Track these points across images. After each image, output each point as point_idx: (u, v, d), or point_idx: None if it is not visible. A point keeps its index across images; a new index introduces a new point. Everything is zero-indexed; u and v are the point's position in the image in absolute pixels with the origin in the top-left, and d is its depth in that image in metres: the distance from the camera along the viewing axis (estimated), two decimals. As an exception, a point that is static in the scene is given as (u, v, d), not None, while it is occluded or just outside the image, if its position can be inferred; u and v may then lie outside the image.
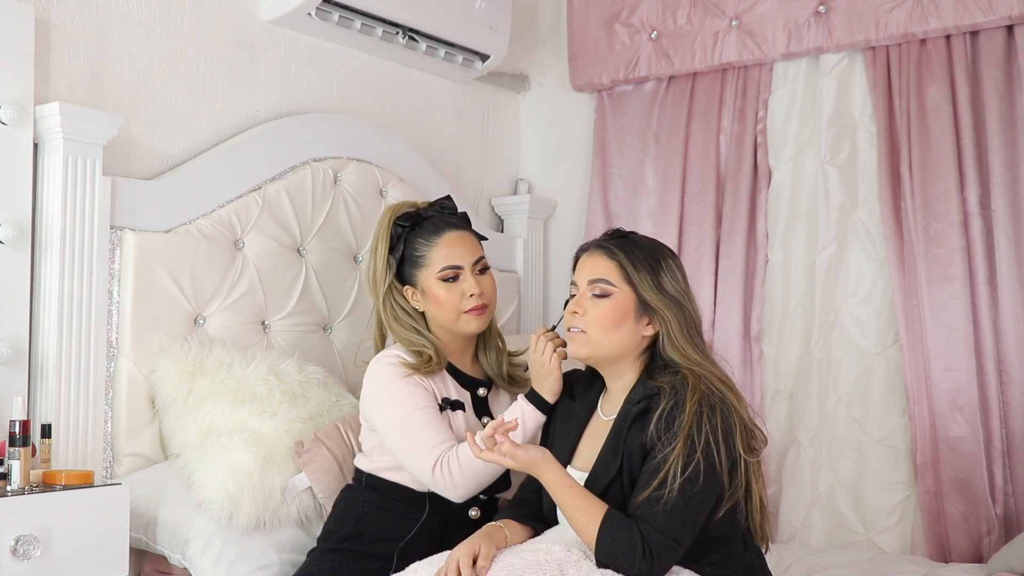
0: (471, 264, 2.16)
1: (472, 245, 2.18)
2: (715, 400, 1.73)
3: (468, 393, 2.19)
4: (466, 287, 2.14)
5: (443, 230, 2.17)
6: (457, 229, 2.18)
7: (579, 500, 1.73)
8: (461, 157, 3.42)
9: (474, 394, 2.19)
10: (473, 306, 2.15)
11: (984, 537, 2.65)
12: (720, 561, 1.78)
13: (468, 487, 2.01)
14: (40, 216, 2.21)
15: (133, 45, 2.46)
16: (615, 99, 3.41)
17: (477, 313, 2.15)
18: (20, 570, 1.75)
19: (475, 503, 2.12)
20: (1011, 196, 2.69)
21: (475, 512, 2.12)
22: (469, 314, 2.15)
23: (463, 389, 2.19)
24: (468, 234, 2.20)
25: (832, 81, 2.98)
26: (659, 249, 1.87)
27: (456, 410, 2.13)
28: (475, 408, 2.18)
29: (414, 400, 2.06)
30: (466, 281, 2.14)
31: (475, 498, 2.09)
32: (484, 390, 2.21)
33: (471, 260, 2.17)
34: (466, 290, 2.14)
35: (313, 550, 2.13)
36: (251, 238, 2.56)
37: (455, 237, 2.17)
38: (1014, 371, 2.67)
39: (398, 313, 2.18)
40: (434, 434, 2.03)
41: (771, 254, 3.06)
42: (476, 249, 2.19)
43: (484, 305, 2.16)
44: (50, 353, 2.19)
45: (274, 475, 2.16)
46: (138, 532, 2.16)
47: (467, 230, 2.21)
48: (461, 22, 3.08)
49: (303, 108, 2.86)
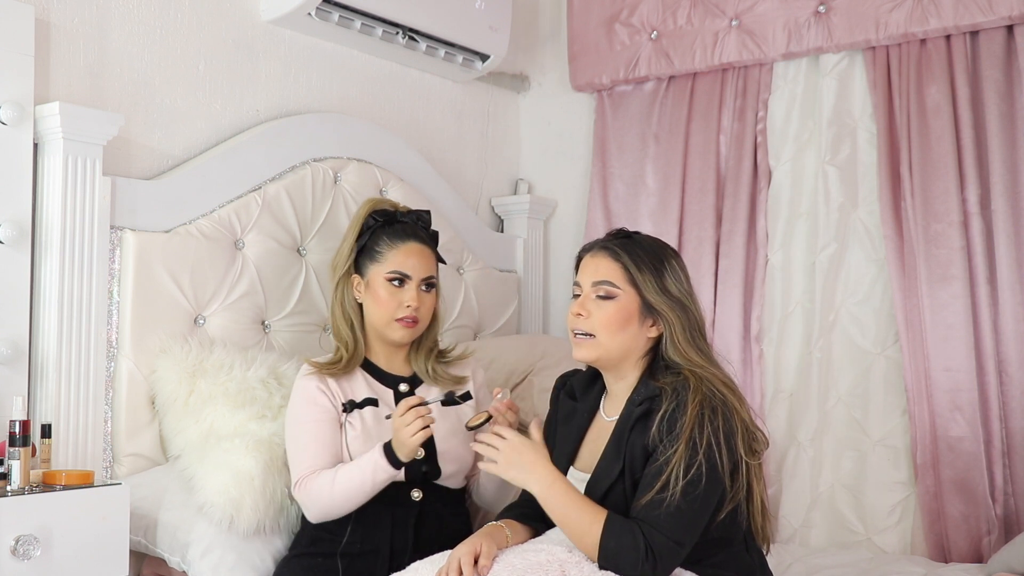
0: (420, 278, 2.22)
1: (428, 262, 2.25)
2: (717, 402, 1.73)
3: (390, 391, 2.23)
4: (406, 297, 2.20)
5: (408, 238, 2.24)
6: (421, 243, 2.25)
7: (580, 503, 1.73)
8: (461, 157, 3.42)
9: (396, 391, 2.24)
10: (404, 316, 2.20)
11: (984, 537, 2.65)
12: (722, 563, 1.78)
13: (319, 513, 2.08)
14: (40, 216, 2.21)
15: (133, 45, 2.46)
16: (615, 99, 3.41)
17: (405, 324, 2.21)
18: (20, 570, 1.75)
19: (415, 484, 2.14)
20: (1011, 196, 2.69)
21: (417, 494, 2.14)
22: (399, 323, 2.20)
23: (384, 387, 2.23)
24: (429, 251, 2.26)
25: (832, 81, 2.98)
26: (663, 250, 1.87)
27: (365, 407, 2.17)
28: (396, 402, 2.20)
29: (306, 416, 2.14)
30: (408, 292, 2.20)
31: (415, 479, 2.13)
32: (406, 386, 2.25)
33: (421, 275, 2.22)
34: (405, 300, 2.20)
35: (283, 558, 2.14)
36: (251, 238, 2.56)
37: (415, 248, 2.23)
38: (1014, 371, 2.67)
39: (344, 300, 2.26)
40: (308, 457, 2.10)
41: (771, 254, 3.06)
42: (430, 267, 2.25)
43: (415, 320, 2.21)
44: (50, 353, 2.19)
45: (275, 479, 2.16)
46: (138, 535, 2.16)
47: (430, 247, 2.27)
48: (461, 22, 3.08)
49: (303, 108, 2.86)
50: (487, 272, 3.27)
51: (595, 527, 1.69)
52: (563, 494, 1.74)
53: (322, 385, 2.16)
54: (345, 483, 2.04)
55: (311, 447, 2.12)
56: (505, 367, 2.86)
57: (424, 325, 2.26)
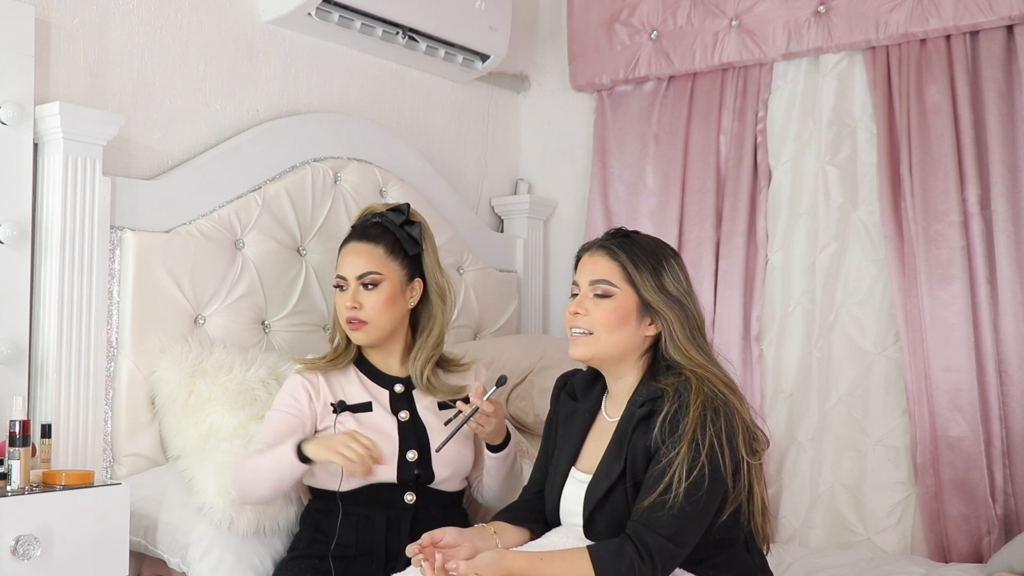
0: (354, 277, 2.17)
1: (365, 259, 2.17)
2: (718, 403, 1.73)
3: (385, 392, 2.20)
4: (345, 300, 2.17)
5: (349, 240, 2.22)
6: (360, 241, 2.19)
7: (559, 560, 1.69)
8: (461, 157, 3.42)
9: (391, 391, 2.20)
10: (347, 318, 2.17)
11: (984, 537, 2.65)
12: (723, 564, 1.78)
13: (238, 490, 2.05)
14: (40, 216, 2.21)
15: (133, 45, 2.45)
16: (615, 99, 3.41)
17: (352, 327, 2.17)
18: (20, 570, 1.75)
19: (409, 487, 2.12)
20: (1011, 196, 2.69)
21: (410, 497, 2.12)
22: (349, 326, 2.17)
23: (379, 387, 2.20)
24: (368, 247, 2.18)
25: (832, 81, 2.98)
26: (661, 249, 1.87)
27: (359, 411, 2.14)
28: (392, 405, 2.18)
29: (279, 404, 2.14)
30: (346, 294, 2.17)
31: (408, 482, 2.11)
32: (401, 387, 2.21)
33: (354, 273, 2.17)
34: (343, 302, 2.17)
35: (281, 560, 2.14)
36: (251, 238, 2.55)
37: (351, 248, 2.19)
38: (1014, 371, 2.67)
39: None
40: (259, 439, 2.08)
41: (771, 254, 3.06)
42: (366, 264, 2.17)
43: (361, 321, 2.16)
44: (50, 353, 2.18)
45: None
46: (137, 536, 2.16)
47: (373, 243, 2.18)
48: (461, 22, 3.08)
49: (303, 108, 2.86)
50: (487, 272, 3.27)
51: (584, 564, 1.66)
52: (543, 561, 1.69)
53: (309, 384, 2.15)
54: (256, 464, 2.02)
55: (267, 432, 2.10)
56: (505, 367, 2.86)
57: (379, 326, 2.17)
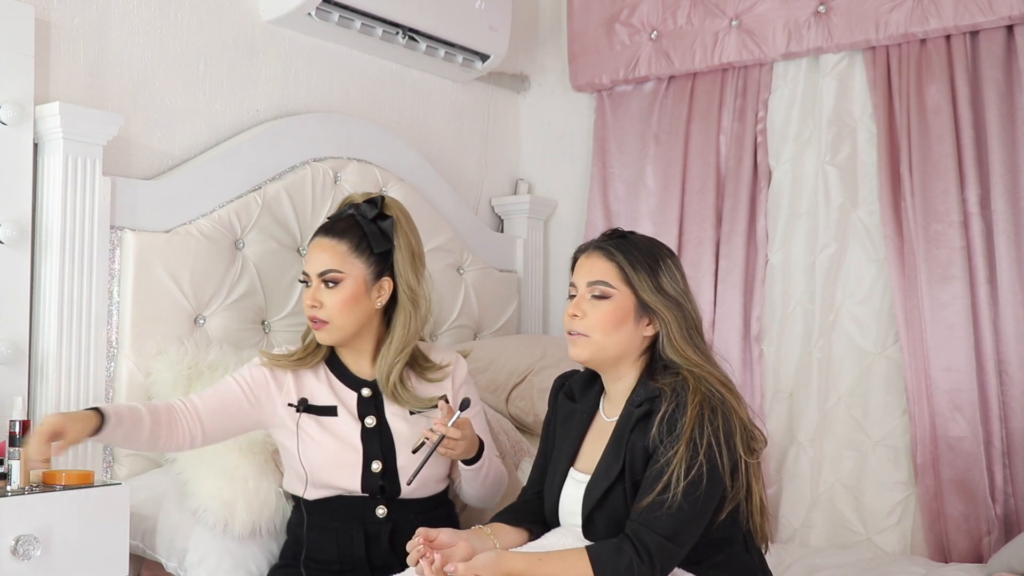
0: (315, 274, 2.07)
1: (327, 256, 2.06)
2: (716, 402, 1.73)
3: (353, 394, 2.11)
4: (306, 297, 2.08)
5: (315, 235, 2.12)
6: (325, 236, 2.08)
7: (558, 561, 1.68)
8: (461, 157, 3.42)
9: (359, 395, 2.11)
10: (309, 317, 2.08)
11: (984, 537, 2.65)
12: (722, 563, 1.78)
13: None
14: (40, 216, 2.21)
15: (133, 45, 2.46)
16: (615, 99, 3.41)
17: (315, 327, 2.07)
18: (20, 570, 1.75)
19: (378, 501, 2.05)
20: (1011, 196, 2.69)
21: (382, 510, 2.05)
22: (311, 324, 2.09)
23: (348, 389, 2.11)
24: (331, 242, 2.07)
25: (832, 81, 2.98)
26: (658, 249, 1.87)
27: (323, 415, 2.06)
28: (359, 409, 2.09)
29: (237, 372, 2.08)
30: (308, 292, 2.08)
31: (378, 496, 2.05)
32: (368, 391, 2.11)
33: (315, 270, 2.06)
34: (305, 300, 2.08)
35: (272, 567, 2.11)
36: (251, 238, 2.55)
37: (315, 244, 2.09)
38: (1014, 371, 2.67)
39: None
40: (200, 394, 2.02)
41: (771, 254, 3.06)
42: (328, 261, 2.05)
43: (322, 321, 2.06)
44: (50, 353, 2.18)
45: (269, 481, 2.15)
46: (136, 539, 2.14)
47: (336, 238, 2.07)
48: (461, 22, 3.08)
49: (303, 108, 2.86)
50: (487, 272, 3.27)
51: (583, 564, 1.66)
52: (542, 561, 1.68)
53: (273, 378, 2.07)
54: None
55: (211, 389, 2.05)
56: (505, 367, 2.86)
57: (341, 326, 2.06)
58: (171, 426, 1.96)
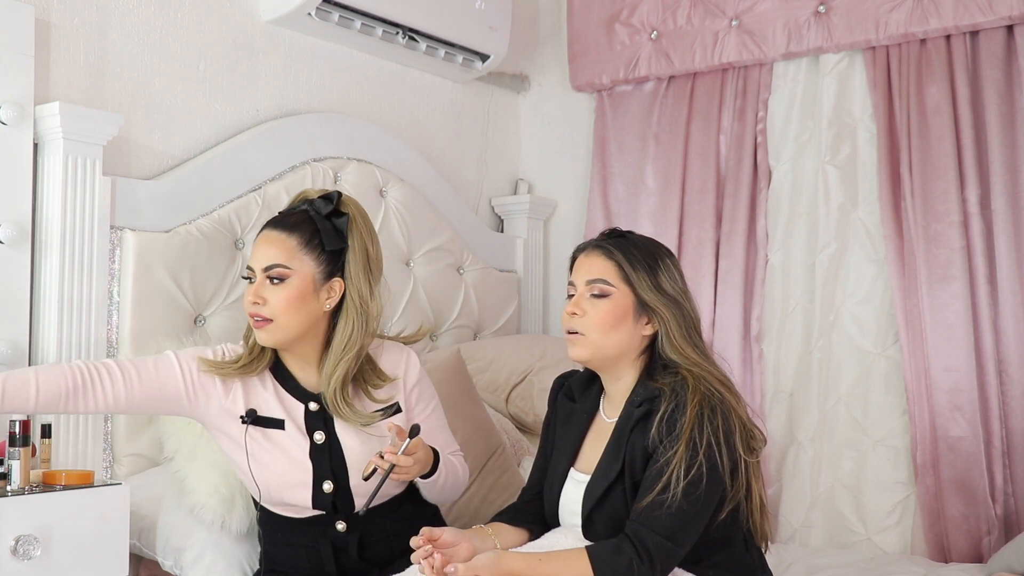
0: (259, 268, 1.90)
1: (274, 251, 1.90)
2: (715, 401, 1.73)
3: (301, 406, 1.97)
4: (248, 293, 1.92)
5: (263, 228, 1.96)
6: (273, 229, 1.93)
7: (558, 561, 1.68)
8: (461, 157, 3.42)
9: (306, 408, 1.97)
10: (250, 313, 1.92)
11: (984, 537, 2.65)
12: (722, 563, 1.78)
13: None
14: (40, 216, 2.21)
15: (133, 45, 2.46)
16: (615, 99, 3.41)
17: (256, 325, 1.91)
18: (20, 570, 1.74)
19: (336, 517, 1.95)
20: (1011, 196, 2.69)
21: (341, 525, 1.95)
22: (252, 321, 1.93)
23: (296, 401, 1.97)
24: (279, 236, 1.91)
25: (832, 81, 2.98)
26: (656, 248, 1.87)
27: (270, 427, 1.93)
28: (307, 423, 1.95)
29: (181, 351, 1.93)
30: (251, 288, 1.92)
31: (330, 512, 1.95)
32: (316, 404, 1.96)
33: (260, 264, 1.90)
34: (247, 295, 1.92)
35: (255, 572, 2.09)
36: (251, 238, 2.55)
37: (261, 237, 1.94)
38: (1014, 371, 2.67)
39: None
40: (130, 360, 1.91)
41: (771, 254, 3.06)
42: (275, 256, 1.90)
43: (264, 319, 1.89)
44: (50, 353, 2.18)
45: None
46: (133, 537, 2.14)
47: (286, 232, 1.92)
48: (461, 22, 3.08)
49: (303, 108, 2.86)
50: (487, 272, 3.27)
51: (583, 564, 1.66)
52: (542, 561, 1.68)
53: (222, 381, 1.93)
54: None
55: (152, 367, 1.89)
56: (505, 367, 2.86)
57: (285, 326, 1.90)
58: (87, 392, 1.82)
